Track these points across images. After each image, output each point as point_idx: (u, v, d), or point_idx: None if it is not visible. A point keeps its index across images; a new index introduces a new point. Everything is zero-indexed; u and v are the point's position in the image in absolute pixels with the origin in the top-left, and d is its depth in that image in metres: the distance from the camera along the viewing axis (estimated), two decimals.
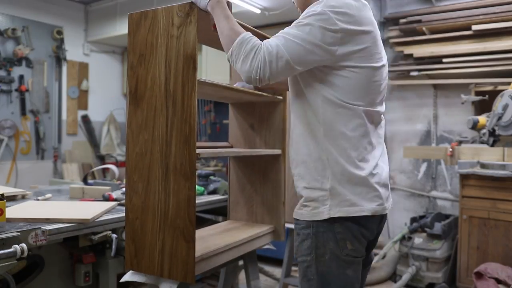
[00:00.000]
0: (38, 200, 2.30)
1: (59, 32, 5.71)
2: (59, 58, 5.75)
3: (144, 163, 1.53)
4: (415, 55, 4.11)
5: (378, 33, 1.37)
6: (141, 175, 1.54)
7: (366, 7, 1.36)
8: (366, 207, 1.30)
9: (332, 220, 1.29)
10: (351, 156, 1.30)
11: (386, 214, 1.40)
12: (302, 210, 1.35)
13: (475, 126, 3.37)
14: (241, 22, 1.51)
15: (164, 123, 1.49)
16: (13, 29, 5.20)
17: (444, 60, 3.95)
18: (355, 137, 1.31)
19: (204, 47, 5.15)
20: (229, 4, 1.44)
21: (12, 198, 2.31)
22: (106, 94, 6.41)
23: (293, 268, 4.09)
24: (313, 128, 1.33)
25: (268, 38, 1.38)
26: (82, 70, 6.13)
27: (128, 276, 1.59)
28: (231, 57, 1.33)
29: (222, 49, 2.05)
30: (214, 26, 1.42)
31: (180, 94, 1.46)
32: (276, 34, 1.30)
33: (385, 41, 4.27)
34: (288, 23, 1.32)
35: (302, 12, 1.34)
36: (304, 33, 1.25)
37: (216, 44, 1.99)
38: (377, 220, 1.37)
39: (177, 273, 1.46)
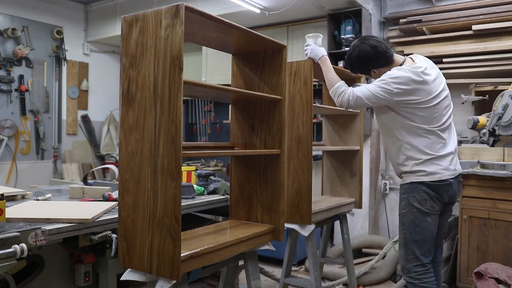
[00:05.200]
0: (38, 200, 2.30)
1: (59, 32, 5.71)
2: (59, 58, 5.75)
3: (135, 162, 1.56)
4: None
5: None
6: (132, 174, 1.57)
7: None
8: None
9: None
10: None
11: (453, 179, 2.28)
12: None
13: (475, 126, 3.37)
14: (253, 31, 1.51)
15: (153, 124, 1.52)
16: (13, 29, 5.21)
17: (444, 60, 3.94)
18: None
19: (204, 48, 5.14)
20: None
21: (12, 198, 2.31)
22: (106, 94, 6.41)
23: (293, 268, 4.09)
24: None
25: (268, 39, 1.78)
26: (82, 70, 6.14)
27: (127, 274, 1.60)
28: (331, 93, 2.34)
29: (221, 50, 2.09)
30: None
31: (167, 94, 1.48)
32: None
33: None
34: (288, 23, 1.33)
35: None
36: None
37: (214, 44, 2.00)
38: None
39: (164, 271, 1.49)
